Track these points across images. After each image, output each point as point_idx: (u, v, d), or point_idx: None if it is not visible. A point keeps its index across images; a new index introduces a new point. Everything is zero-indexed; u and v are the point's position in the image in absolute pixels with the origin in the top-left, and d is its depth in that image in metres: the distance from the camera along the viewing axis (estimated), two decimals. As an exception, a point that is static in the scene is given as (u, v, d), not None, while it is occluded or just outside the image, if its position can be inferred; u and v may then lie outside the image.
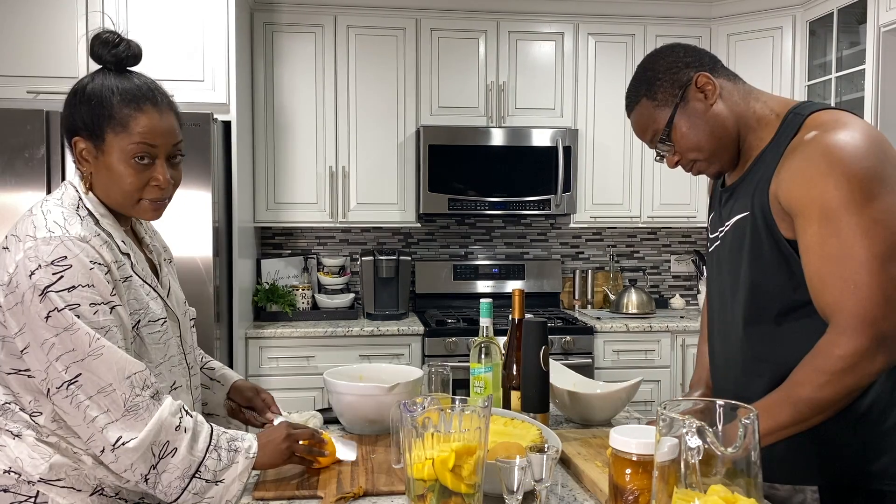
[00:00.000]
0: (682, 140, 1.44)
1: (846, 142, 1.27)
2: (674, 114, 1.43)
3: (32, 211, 1.33)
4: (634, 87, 1.49)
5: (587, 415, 1.81)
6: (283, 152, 3.77)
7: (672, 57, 1.46)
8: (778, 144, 1.38)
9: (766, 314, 1.40)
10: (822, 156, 1.27)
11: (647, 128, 1.47)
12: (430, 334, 3.60)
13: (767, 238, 1.36)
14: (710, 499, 0.88)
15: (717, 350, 1.57)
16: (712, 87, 1.41)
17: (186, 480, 1.28)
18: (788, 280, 1.35)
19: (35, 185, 2.95)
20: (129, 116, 1.34)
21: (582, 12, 3.93)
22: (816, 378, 1.25)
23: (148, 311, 1.39)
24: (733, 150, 1.45)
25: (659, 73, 1.45)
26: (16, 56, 3.16)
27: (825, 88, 3.61)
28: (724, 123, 1.42)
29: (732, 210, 1.46)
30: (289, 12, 3.74)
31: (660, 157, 1.52)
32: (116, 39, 1.37)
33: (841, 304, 1.24)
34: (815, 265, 1.28)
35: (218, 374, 1.72)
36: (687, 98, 1.42)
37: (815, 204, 1.26)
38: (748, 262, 1.40)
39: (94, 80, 1.36)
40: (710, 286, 1.60)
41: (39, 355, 1.24)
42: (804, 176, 1.28)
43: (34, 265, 1.24)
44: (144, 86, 1.37)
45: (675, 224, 4.13)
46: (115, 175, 1.35)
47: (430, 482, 1.16)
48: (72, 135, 1.37)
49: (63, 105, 1.39)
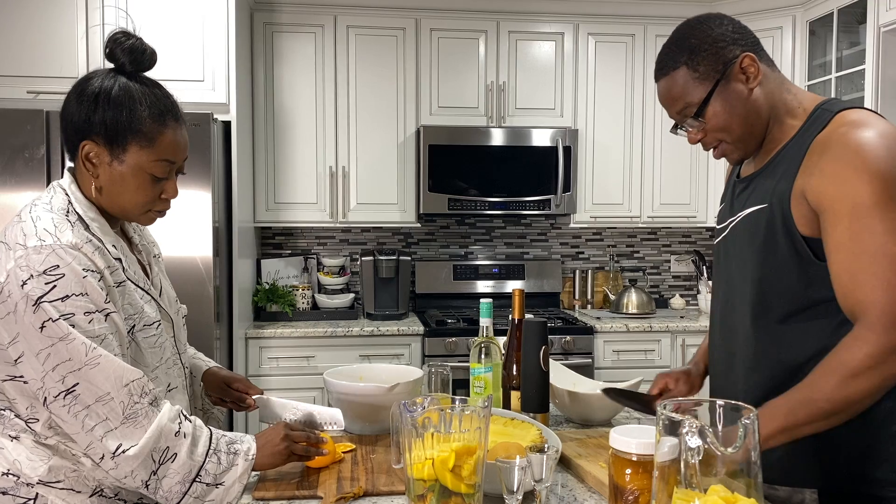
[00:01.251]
0: (714, 119, 1.38)
1: (880, 141, 1.25)
2: (713, 90, 1.37)
3: (21, 216, 1.31)
4: (674, 52, 1.40)
5: (587, 415, 1.81)
6: (283, 152, 3.77)
7: (721, 29, 1.39)
8: (803, 139, 1.36)
9: (775, 310, 1.38)
10: (856, 153, 1.25)
11: (679, 98, 1.40)
12: (430, 334, 3.60)
13: (783, 232, 1.34)
14: (710, 499, 0.88)
15: (718, 343, 1.54)
16: (755, 71, 1.37)
17: (187, 485, 1.28)
18: (798, 277, 1.33)
19: (35, 185, 2.95)
20: (156, 132, 1.33)
21: (582, 12, 3.93)
22: (840, 375, 1.22)
23: (143, 315, 1.38)
24: (760, 139, 1.42)
25: (706, 43, 1.37)
26: (16, 56, 3.16)
27: (825, 88, 3.61)
28: (758, 110, 1.39)
29: (747, 201, 1.43)
30: (289, 12, 3.74)
31: (675, 129, 1.46)
32: (138, 44, 1.36)
33: (872, 301, 1.22)
34: (846, 262, 1.25)
35: (190, 362, 1.68)
36: (729, 77, 1.37)
37: (847, 200, 1.24)
38: (760, 255, 1.38)
39: (116, 85, 1.33)
40: (715, 277, 1.57)
41: (35, 365, 1.23)
42: (836, 172, 1.26)
43: (26, 275, 1.22)
44: (166, 98, 1.38)
45: (675, 224, 4.13)
46: (127, 185, 1.34)
47: (430, 482, 1.15)
48: (83, 136, 1.33)
49: (71, 103, 1.35)
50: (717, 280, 1.56)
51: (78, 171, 1.38)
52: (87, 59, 3.16)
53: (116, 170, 1.34)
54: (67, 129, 1.35)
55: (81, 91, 1.34)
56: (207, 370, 1.70)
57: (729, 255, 1.49)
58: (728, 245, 1.49)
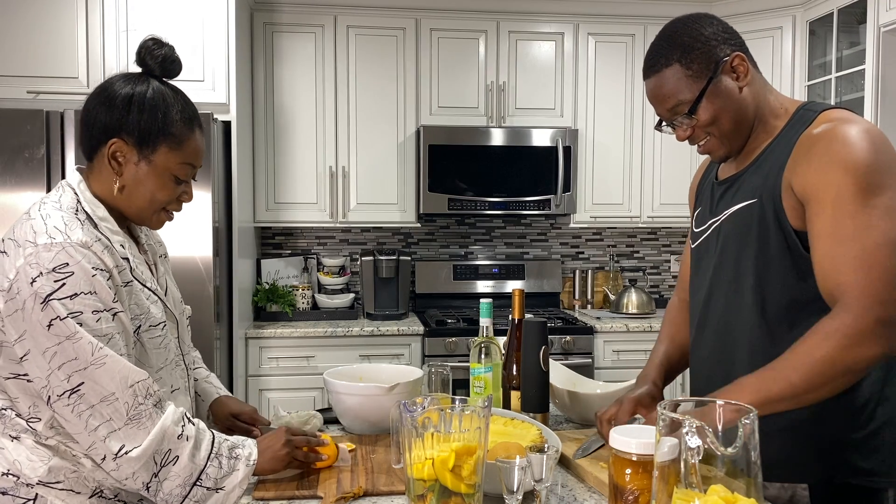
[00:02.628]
0: (705, 116, 1.40)
1: (863, 135, 1.29)
2: (705, 88, 1.38)
3: (31, 214, 1.31)
4: (665, 49, 1.42)
5: (587, 415, 1.81)
6: (283, 152, 3.77)
7: (712, 28, 1.41)
8: (788, 136, 1.38)
9: (774, 304, 1.38)
10: (841, 144, 1.28)
11: (671, 96, 1.41)
12: (430, 334, 3.60)
13: (774, 226, 1.36)
14: (710, 499, 0.88)
15: (704, 343, 1.53)
16: (745, 70, 1.40)
17: (188, 488, 1.28)
18: (793, 270, 1.35)
19: (35, 185, 2.95)
20: (185, 136, 1.38)
21: (582, 12, 3.93)
22: (812, 353, 1.23)
23: (149, 315, 1.38)
24: (746, 137, 1.44)
25: (698, 41, 1.39)
26: (16, 56, 3.15)
27: (825, 88, 3.61)
28: (746, 109, 1.41)
29: (733, 200, 1.45)
30: (289, 12, 3.74)
31: (660, 126, 1.47)
32: (169, 53, 1.40)
33: (851, 283, 1.24)
34: (828, 247, 1.27)
35: (200, 387, 1.69)
36: (720, 75, 1.39)
37: (831, 188, 1.27)
38: (754, 250, 1.39)
39: (150, 88, 1.37)
40: (694, 281, 1.57)
41: (40, 363, 1.23)
42: (821, 162, 1.29)
43: (35, 272, 1.23)
44: (192, 105, 1.43)
45: (675, 224, 4.13)
46: (149, 185, 1.37)
47: (430, 482, 1.16)
48: (111, 134, 1.35)
49: (98, 104, 1.36)
50: (700, 282, 1.55)
51: (94, 170, 1.39)
52: (87, 59, 3.16)
53: (142, 169, 1.37)
54: (92, 128, 1.37)
55: (111, 94, 1.37)
56: (217, 399, 1.69)
57: (714, 253, 1.49)
58: (713, 244, 1.50)
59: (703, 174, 1.67)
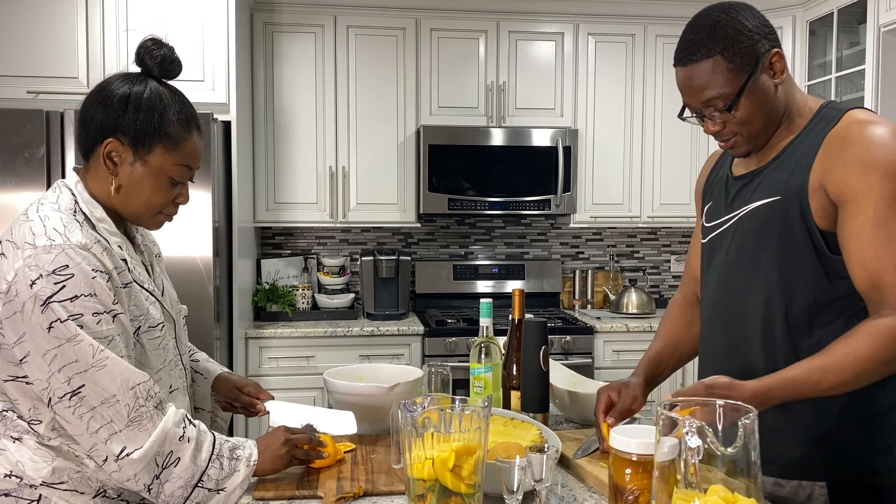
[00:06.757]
0: (742, 113, 1.37)
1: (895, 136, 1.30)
2: (745, 84, 1.34)
3: (29, 216, 1.30)
4: (707, 39, 1.35)
5: (587, 415, 1.81)
6: (283, 152, 3.77)
7: (755, 21, 1.36)
8: (813, 134, 1.37)
9: (795, 305, 1.37)
10: (881, 144, 1.28)
11: (708, 88, 1.35)
12: (430, 334, 3.60)
13: (799, 225, 1.35)
14: (710, 499, 0.88)
15: (715, 338, 1.52)
16: (781, 68, 1.37)
17: (189, 490, 1.28)
18: (817, 268, 1.35)
19: (35, 185, 2.94)
20: (182, 137, 1.37)
21: (582, 12, 3.93)
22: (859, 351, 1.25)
23: (148, 316, 1.38)
24: (772, 135, 1.42)
25: (743, 34, 1.34)
26: (16, 56, 3.15)
27: (825, 88, 3.61)
28: (779, 108, 1.40)
29: (753, 196, 1.43)
30: (289, 12, 3.74)
31: (683, 116, 1.44)
32: (168, 54, 1.39)
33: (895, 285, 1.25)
34: (869, 249, 1.27)
35: (201, 366, 1.70)
36: (759, 71, 1.35)
37: (873, 190, 1.27)
38: (777, 248, 1.38)
39: (147, 88, 1.36)
40: (707, 275, 1.55)
41: (41, 365, 1.23)
42: (860, 162, 1.28)
43: (35, 274, 1.22)
44: (190, 106, 1.42)
45: (675, 224, 4.13)
46: (145, 186, 1.37)
47: (430, 482, 1.16)
48: (107, 134, 1.34)
49: (95, 103, 1.36)
50: (710, 277, 1.53)
51: (90, 170, 1.38)
52: (87, 59, 3.16)
53: (138, 170, 1.36)
54: (89, 127, 1.36)
55: (108, 93, 1.36)
56: (219, 375, 1.70)
57: (730, 248, 1.48)
58: (729, 239, 1.48)
59: (711, 169, 1.64)
